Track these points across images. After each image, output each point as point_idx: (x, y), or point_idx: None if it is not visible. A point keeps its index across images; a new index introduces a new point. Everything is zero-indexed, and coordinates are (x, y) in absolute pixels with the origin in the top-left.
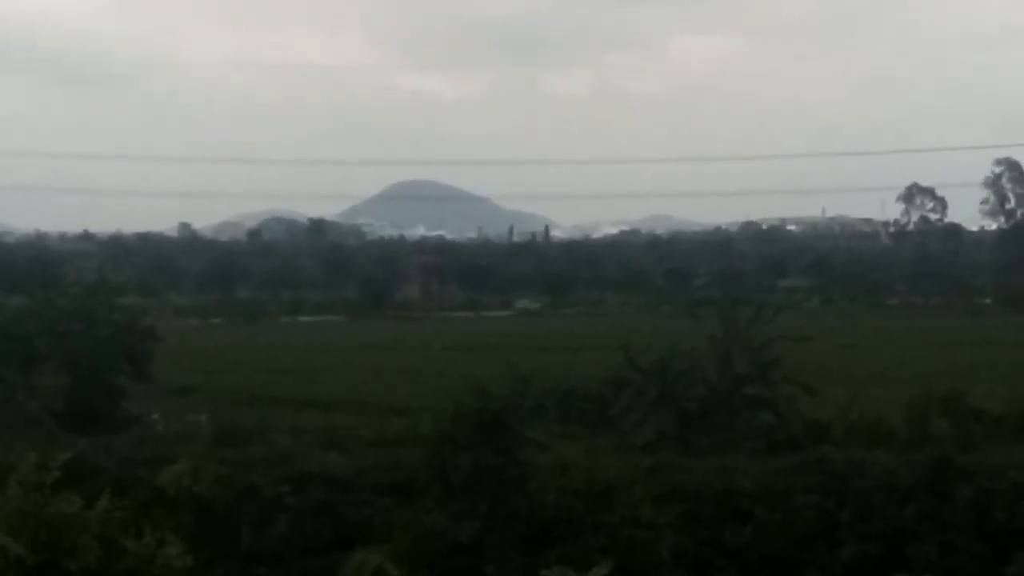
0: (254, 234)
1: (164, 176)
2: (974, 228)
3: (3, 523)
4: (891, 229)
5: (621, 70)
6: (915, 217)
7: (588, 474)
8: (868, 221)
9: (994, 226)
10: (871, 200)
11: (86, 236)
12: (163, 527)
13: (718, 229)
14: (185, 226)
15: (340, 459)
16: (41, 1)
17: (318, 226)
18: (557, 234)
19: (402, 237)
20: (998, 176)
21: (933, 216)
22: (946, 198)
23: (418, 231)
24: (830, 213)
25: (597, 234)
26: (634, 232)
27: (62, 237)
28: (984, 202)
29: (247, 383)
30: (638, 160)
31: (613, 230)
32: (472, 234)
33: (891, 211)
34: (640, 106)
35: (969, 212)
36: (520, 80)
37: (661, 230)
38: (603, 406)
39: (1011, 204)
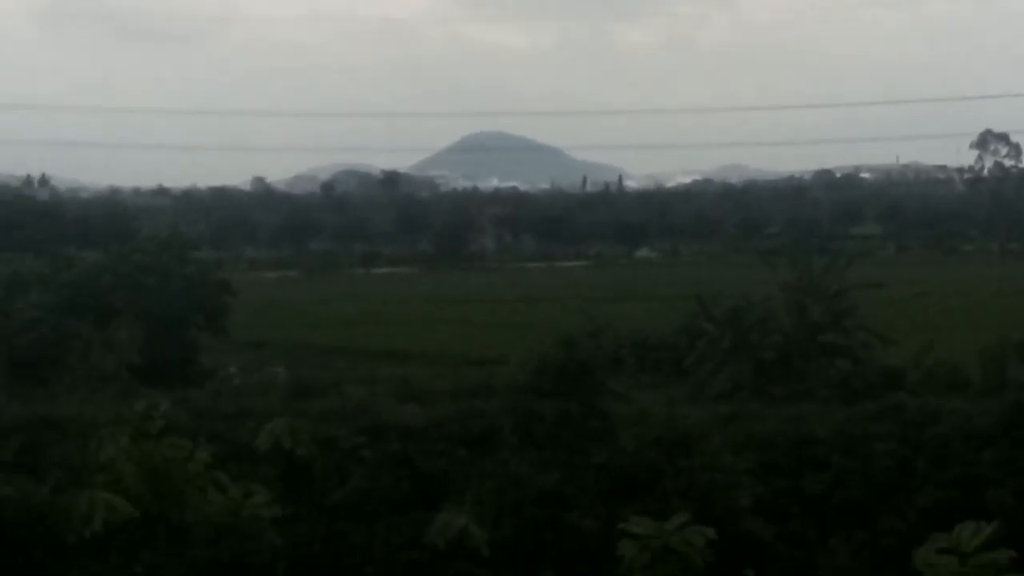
0: (327, 187)
1: (237, 130)
2: None
3: (118, 470)
4: (965, 176)
5: (691, 19)
6: (989, 163)
7: (667, 423)
8: (942, 168)
9: None
10: (945, 147)
11: (160, 191)
12: (250, 479)
13: (791, 177)
14: (258, 180)
15: (416, 410)
16: None
17: (391, 178)
18: (630, 184)
19: (475, 189)
20: None
21: (1008, 162)
22: (1020, 144)
23: (491, 183)
24: (904, 160)
25: (670, 184)
26: (707, 181)
27: (136, 192)
28: None
29: (322, 336)
30: (710, 109)
31: (686, 179)
32: (545, 185)
33: (965, 158)
34: (711, 56)
35: None
36: (590, 31)
37: (734, 179)
38: (678, 356)
39: None
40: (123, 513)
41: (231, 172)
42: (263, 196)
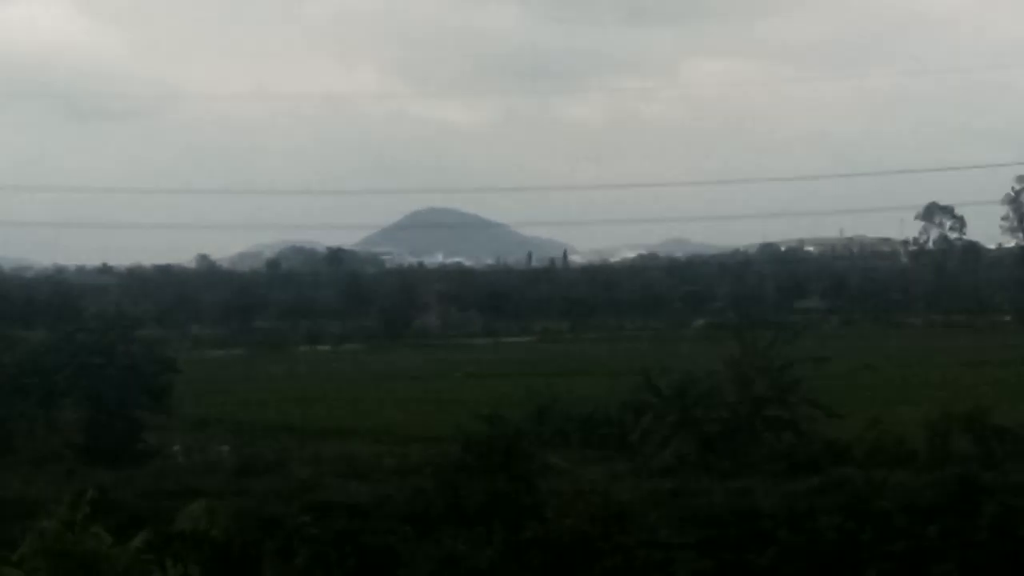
0: (272, 264)
1: (181, 208)
2: (993, 246)
3: (37, 561)
4: (910, 248)
5: (634, 94)
6: (934, 235)
7: (605, 498)
8: (887, 240)
9: (1013, 243)
10: (889, 220)
11: (105, 269)
12: (184, 562)
13: (736, 251)
14: (203, 257)
15: (362, 488)
16: (56, 37)
17: (336, 255)
18: (575, 259)
19: (420, 265)
20: (1018, 193)
21: (952, 234)
22: (965, 216)
23: (436, 258)
24: (848, 233)
25: (615, 258)
26: (652, 256)
27: (81, 270)
28: (1004, 219)
29: (268, 414)
30: (654, 184)
31: (631, 254)
32: (490, 260)
33: (910, 230)
34: (654, 130)
35: (988, 230)
36: (533, 107)
37: (679, 253)
38: (623, 430)
39: None
40: None
41: (176, 250)
42: (208, 274)
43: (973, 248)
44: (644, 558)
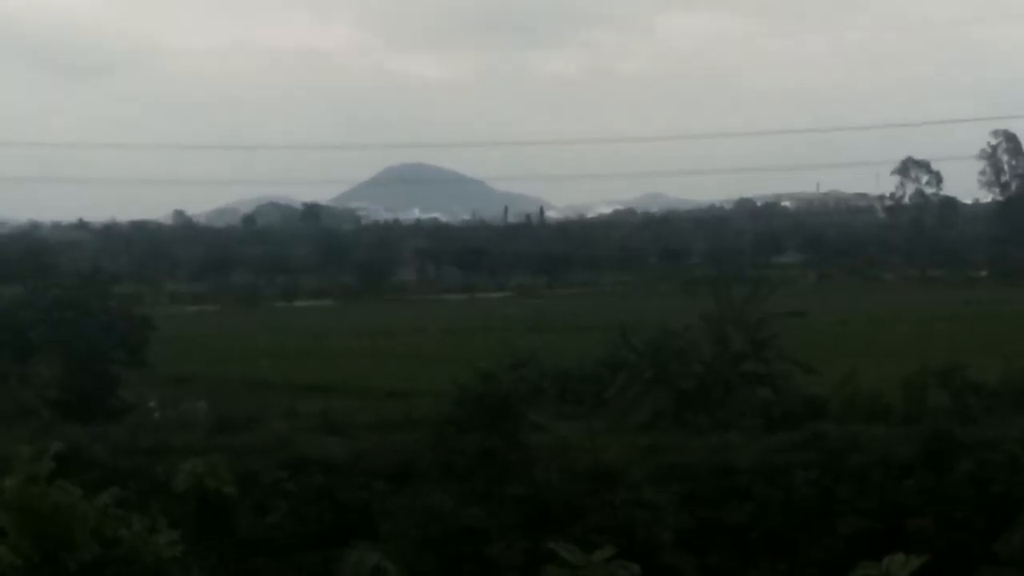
0: (248, 220)
1: (157, 164)
2: (969, 201)
3: (1, 516)
4: (886, 203)
5: (610, 49)
6: (910, 191)
7: (589, 455)
8: (863, 196)
9: (990, 198)
10: (866, 175)
11: (80, 225)
12: (153, 515)
13: (712, 207)
14: (179, 213)
15: (338, 443)
16: None
17: (312, 211)
18: (552, 215)
19: (396, 221)
20: (994, 148)
21: (928, 190)
22: (941, 171)
23: (412, 214)
24: (824, 188)
25: (591, 214)
26: (628, 211)
27: (56, 226)
28: (981, 174)
29: (244, 369)
30: (631, 139)
31: (607, 209)
32: (466, 216)
33: (886, 185)
34: (631, 85)
35: (965, 185)
36: (509, 61)
37: (655, 209)
38: (599, 387)
39: (1007, 176)
40: (4, 561)
41: (152, 205)
42: (184, 229)
43: (950, 203)
44: (629, 516)
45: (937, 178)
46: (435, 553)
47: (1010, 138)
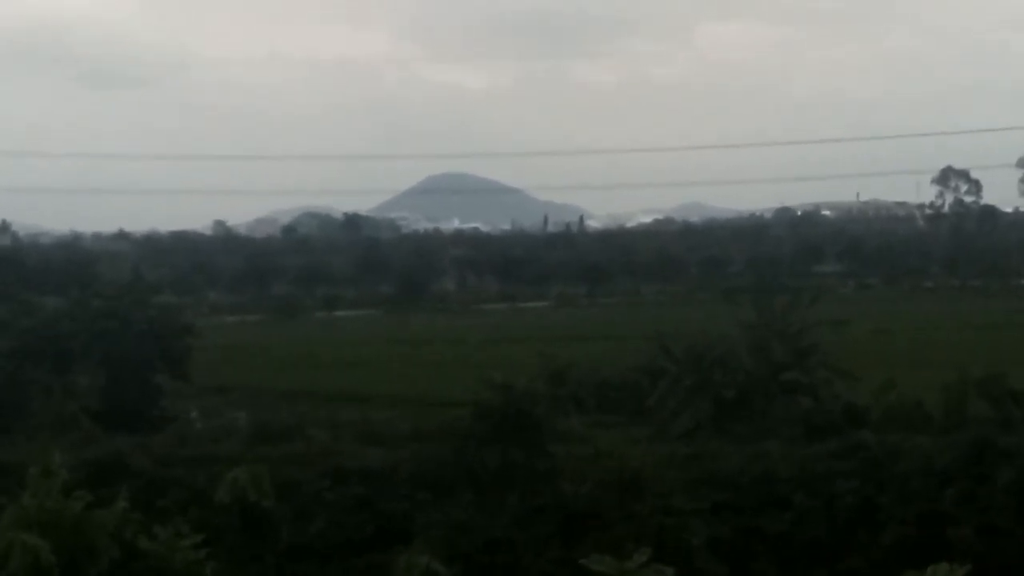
0: (288, 230)
1: (198, 175)
2: (1009, 209)
3: (17, 528)
4: (926, 212)
5: (650, 58)
6: (950, 199)
7: (619, 463)
8: (903, 204)
9: None
10: (906, 183)
11: (121, 235)
12: (176, 522)
13: (752, 216)
14: (220, 224)
15: (378, 453)
16: (75, 5)
17: (352, 221)
18: (591, 224)
19: (437, 230)
20: None
21: (968, 198)
22: (981, 180)
23: (453, 224)
24: (864, 197)
25: (631, 223)
26: (668, 220)
27: (97, 237)
28: (1021, 182)
29: (284, 379)
30: (670, 148)
31: (647, 219)
32: (506, 226)
33: (926, 194)
34: (670, 94)
35: (1004, 193)
36: (548, 70)
37: (695, 218)
38: (640, 396)
39: None
40: (44, 560)
41: (192, 216)
42: (224, 240)
43: (989, 211)
44: (658, 525)
45: (977, 187)
46: (464, 565)
47: None
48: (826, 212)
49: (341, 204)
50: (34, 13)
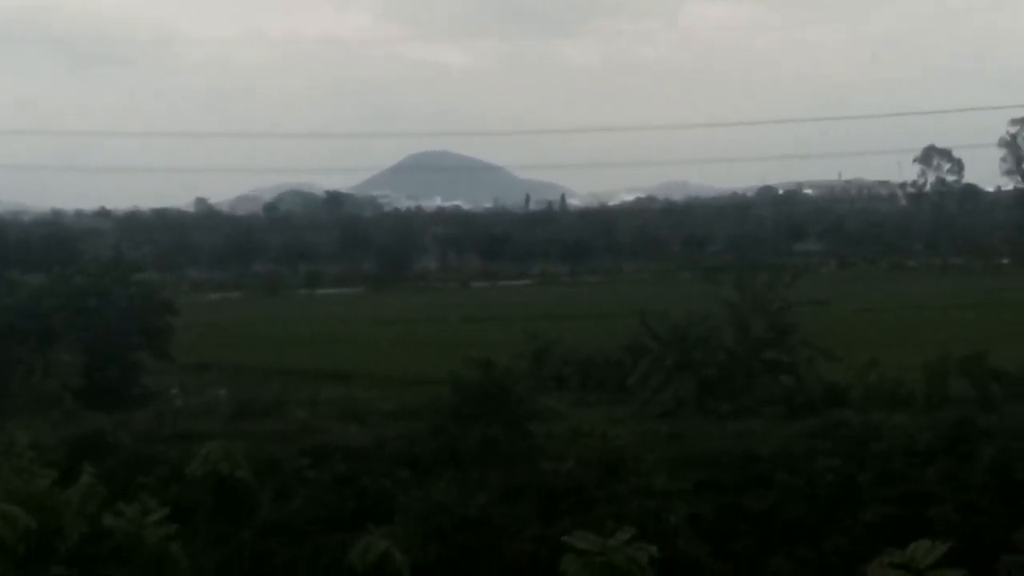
0: (270, 208)
1: (179, 152)
2: (991, 188)
3: None
4: (908, 191)
5: (632, 37)
6: (932, 178)
7: (601, 442)
8: (885, 183)
9: (1011, 186)
10: (888, 162)
11: (102, 213)
12: (143, 498)
13: (734, 194)
14: (201, 201)
15: (359, 431)
16: None
17: (334, 199)
18: (573, 202)
19: (418, 208)
20: (1014, 136)
21: (950, 177)
22: (963, 159)
23: (434, 202)
24: (846, 176)
25: (613, 202)
26: (650, 199)
27: (78, 214)
28: (1002, 161)
29: (266, 357)
30: (653, 127)
31: (629, 197)
32: (488, 204)
33: (908, 173)
34: (653, 73)
35: (986, 172)
36: (531, 49)
37: (677, 196)
38: (622, 374)
39: None
40: (23, 524)
41: (173, 194)
42: (206, 217)
43: (971, 191)
44: (639, 504)
45: (959, 166)
46: (441, 543)
47: None
48: (808, 191)
49: (323, 182)
50: None
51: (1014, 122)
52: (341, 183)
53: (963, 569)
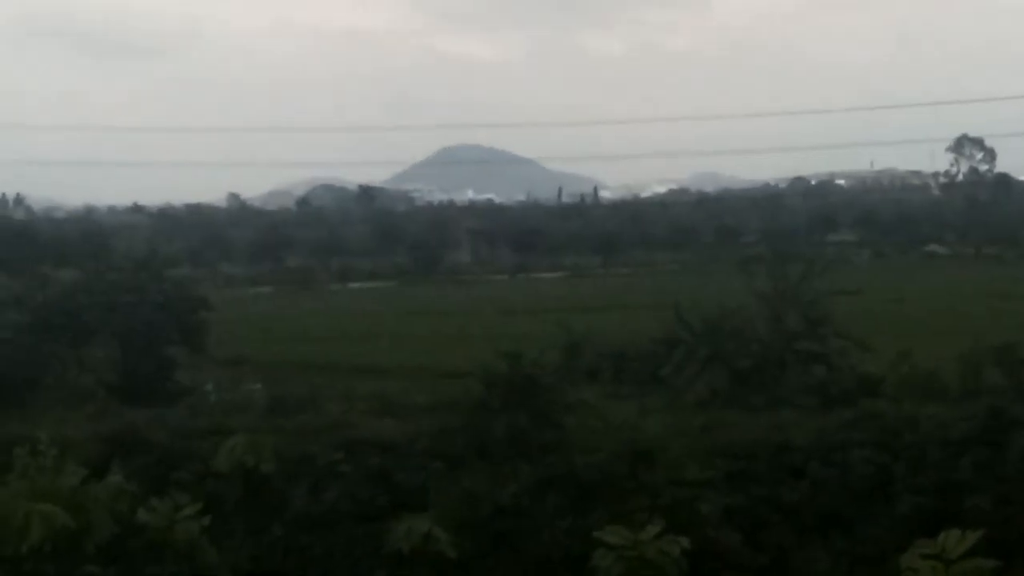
0: (302, 202)
1: (212, 147)
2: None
3: (13, 505)
4: (940, 180)
5: (663, 27)
6: (964, 168)
7: (632, 433)
8: (917, 173)
9: None
10: (920, 152)
11: (136, 209)
12: (173, 493)
13: (766, 185)
14: (234, 196)
15: (393, 425)
16: None
17: (366, 193)
18: (605, 195)
19: (451, 202)
20: None
21: (982, 167)
22: (995, 148)
23: (466, 195)
24: (879, 166)
25: (645, 193)
26: (682, 191)
27: (111, 210)
28: None
29: (299, 351)
30: (684, 118)
31: (661, 189)
32: (520, 197)
33: (940, 163)
34: (684, 63)
35: (1019, 161)
36: (561, 41)
37: (709, 188)
38: (655, 366)
39: None
40: (63, 524)
41: (206, 189)
42: (238, 212)
43: (1004, 180)
44: (671, 495)
45: (991, 155)
46: (474, 533)
47: None
48: (840, 181)
49: (355, 176)
50: None
51: None
52: (373, 177)
53: (996, 559)
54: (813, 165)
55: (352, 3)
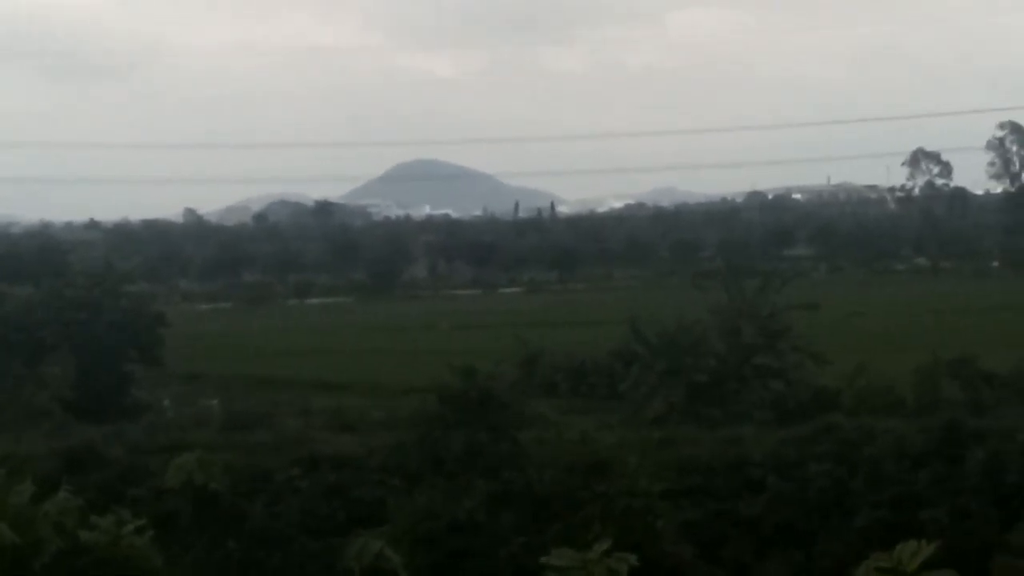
0: (259, 218)
1: (168, 163)
2: (980, 192)
3: None
4: (897, 195)
5: (620, 44)
6: (921, 182)
7: (586, 448)
8: (874, 187)
9: (1000, 189)
10: (876, 166)
11: (92, 224)
12: (116, 509)
13: (723, 200)
14: (190, 212)
15: (351, 441)
16: None
17: (324, 208)
18: (563, 209)
19: (408, 217)
20: (1002, 139)
21: (939, 181)
22: (951, 162)
23: (423, 210)
24: (835, 181)
25: (602, 208)
26: (639, 205)
27: (68, 226)
28: (990, 165)
29: (257, 367)
30: (641, 133)
31: (618, 204)
32: (477, 212)
33: (896, 177)
34: (641, 79)
35: (975, 176)
36: (519, 57)
37: (666, 202)
38: (613, 380)
39: (1016, 167)
40: (10, 542)
41: (163, 204)
42: (195, 228)
43: (960, 194)
44: (625, 508)
45: (947, 169)
46: (429, 549)
47: (1016, 129)
48: (797, 196)
49: (312, 191)
50: (2, 2)
51: (1002, 125)
52: (330, 192)
53: (953, 571)
54: (770, 180)
55: (311, 20)
